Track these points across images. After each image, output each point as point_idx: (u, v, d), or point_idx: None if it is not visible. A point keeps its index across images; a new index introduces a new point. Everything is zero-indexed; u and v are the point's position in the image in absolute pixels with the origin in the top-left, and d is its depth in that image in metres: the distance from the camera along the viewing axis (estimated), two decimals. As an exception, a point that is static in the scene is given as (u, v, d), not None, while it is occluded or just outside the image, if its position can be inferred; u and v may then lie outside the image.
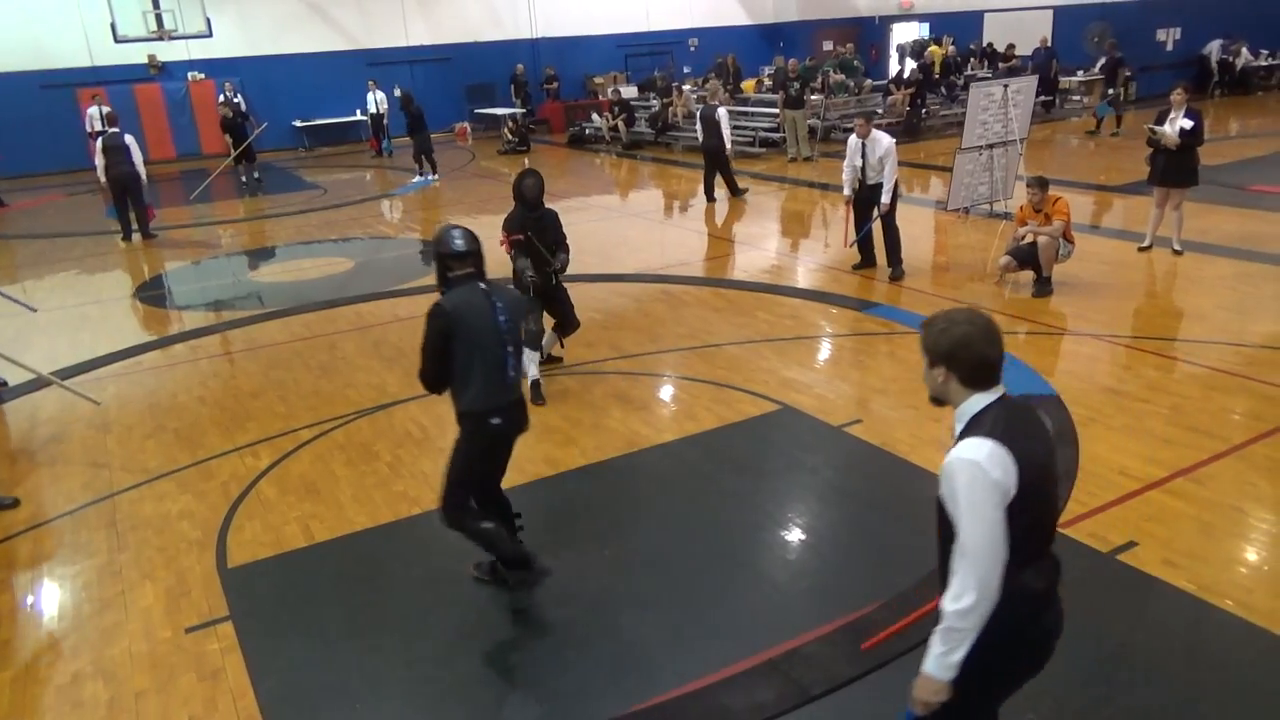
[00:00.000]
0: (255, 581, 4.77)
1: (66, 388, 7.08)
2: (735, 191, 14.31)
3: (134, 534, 5.29)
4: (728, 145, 13.90)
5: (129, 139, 12.99)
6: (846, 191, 9.60)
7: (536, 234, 6.76)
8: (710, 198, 14.14)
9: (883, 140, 9.19)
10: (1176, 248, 9.57)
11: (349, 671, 4.05)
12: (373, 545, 5.06)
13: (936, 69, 20.09)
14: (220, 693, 3.95)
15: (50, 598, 4.77)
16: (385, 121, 21.25)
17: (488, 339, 4.10)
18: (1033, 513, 2.42)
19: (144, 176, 13.16)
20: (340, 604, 4.56)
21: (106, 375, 7.91)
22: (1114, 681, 3.72)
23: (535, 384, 6.87)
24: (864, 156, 9.21)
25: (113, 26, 18.20)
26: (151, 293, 10.74)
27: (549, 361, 7.42)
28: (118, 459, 6.28)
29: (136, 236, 13.41)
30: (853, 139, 9.35)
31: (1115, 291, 8.64)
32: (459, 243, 4.17)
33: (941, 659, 2.43)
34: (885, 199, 9.21)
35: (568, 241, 7.00)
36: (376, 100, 21.00)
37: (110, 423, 6.92)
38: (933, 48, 21.62)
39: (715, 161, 14.05)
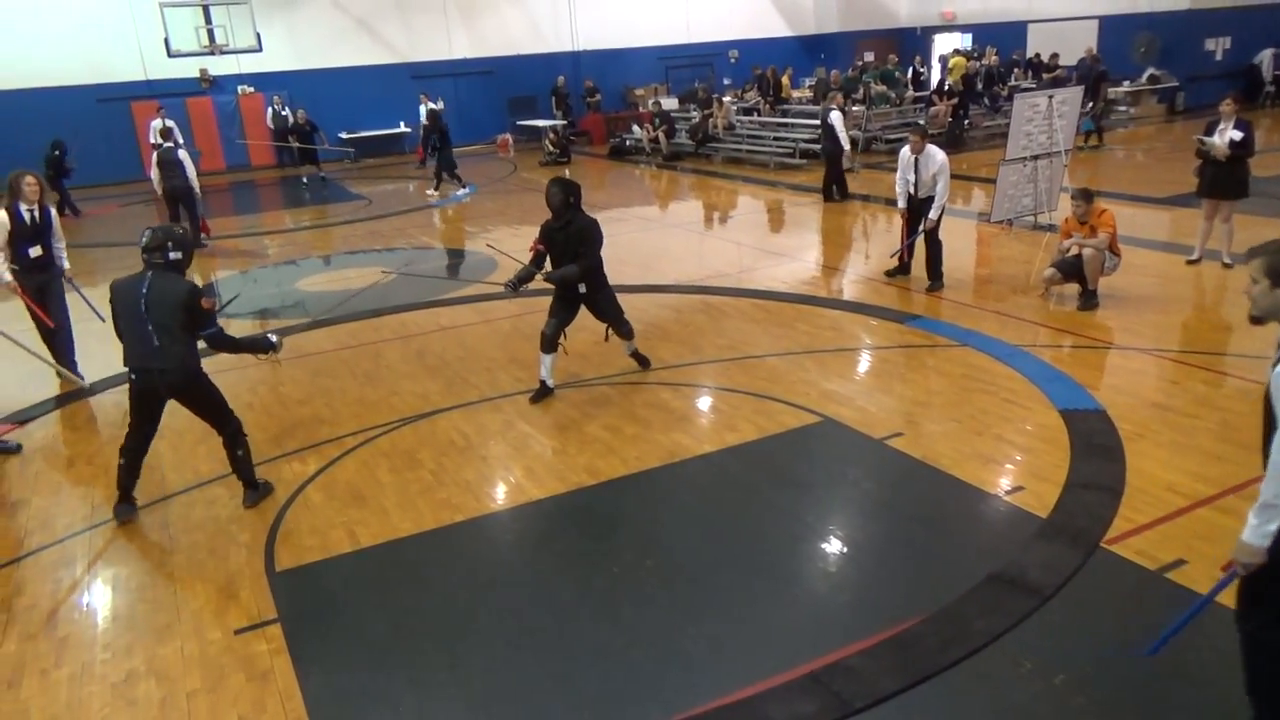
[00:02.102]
0: (303, 585, 4.86)
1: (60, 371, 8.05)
2: (843, 194, 14.51)
3: (185, 536, 5.42)
4: (845, 146, 14.22)
5: (183, 154, 13.35)
6: (901, 204, 9.59)
7: (560, 243, 6.82)
8: (827, 198, 14.48)
9: (936, 156, 9.16)
10: (1226, 261, 9.40)
11: (393, 675, 4.11)
12: (417, 551, 5.13)
13: (955, 80, 19.89)
14: (269, 694, 4.03)
15: (105, 597, 4.90)
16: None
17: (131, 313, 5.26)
18: None
19: (197, 189, 13.47)
20: (385, 608, 4.63)
21: (159, 381, 8.10)
22: (1165, 701, 3.67)
23: (542, 385, 7.08)
24: (916, 171, 9.19)
25: (166, 41, 18.70)
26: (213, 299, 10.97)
27: (636, 358, 7.56)
28: (170, 463, 6.43)
29: None
30: (905, 152, 9.32)
31: (1163, 305, 8.52)
32: (141, 239, 5.36)
33: (1256, 530, 2.92)
34: (934, 214, 9.18)
35: (593, 252, 6.86)
36: (423, 112, 21.31)
37: (163, 428, 7.00)
38: (955, 59, 21.45)
39: (830, 164, 14.48)
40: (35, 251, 7.75)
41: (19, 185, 7.68)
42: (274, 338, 5.94)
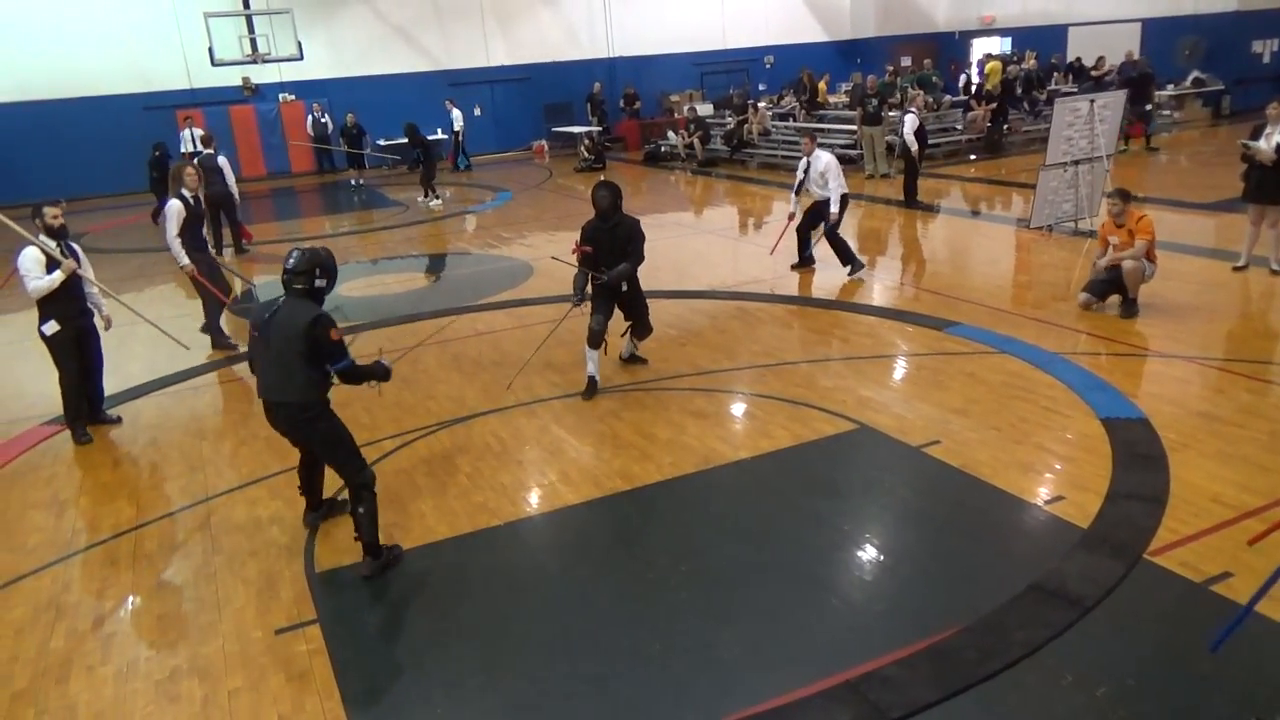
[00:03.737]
0: (341, 586, 4.92)
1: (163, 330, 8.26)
2: (910, 201, 14.42)
3: (227, 537, 5.51)
4: (911, 148, 14.19)
5: (222, 160, 13.62)
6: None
7: (607, 244, 7.11)
8: (910, 204, 14.47)
9: (822, 157, 10.22)
10: (1275, 267, 9.21)
11: (430, 677, 4.15)
12: (453, 555, 5.17)
13: (992, 85, 19.66)
14: (308, 694, 4.08)
15: (150, 596, 4.98)
16: (462, 139, 21.80)
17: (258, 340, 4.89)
18: None
19: (237, 195, 13.70)
20: (422, 611, 4.68)
21: (201, 384, 8.25)
22: (1210, 715, 3.60)
23: (591, 380, 7.28)
24: (806, 172, 10.26)
25: (210, 51, 19.05)
26: (243, 305, 11.16)
27: (632, 360, 7.90)
28: (212, 464, 6.55)
29: (229, 251, 13.97)
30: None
31: (1207, 312, 8.36)
32: (287, 261, 4.93)
33: None
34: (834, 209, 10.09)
35: (640, 252, 7.24)
36: (454, 118, 21.62)
37: (205, 430, 7.22)
38: (992, 64, 21.20)
39: (908, 170, 14.54)
40: (205, 232, 8.72)
41: (181, 175, 8.51)
42: (387, 362, 5.27)
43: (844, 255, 10.37)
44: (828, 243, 10.37)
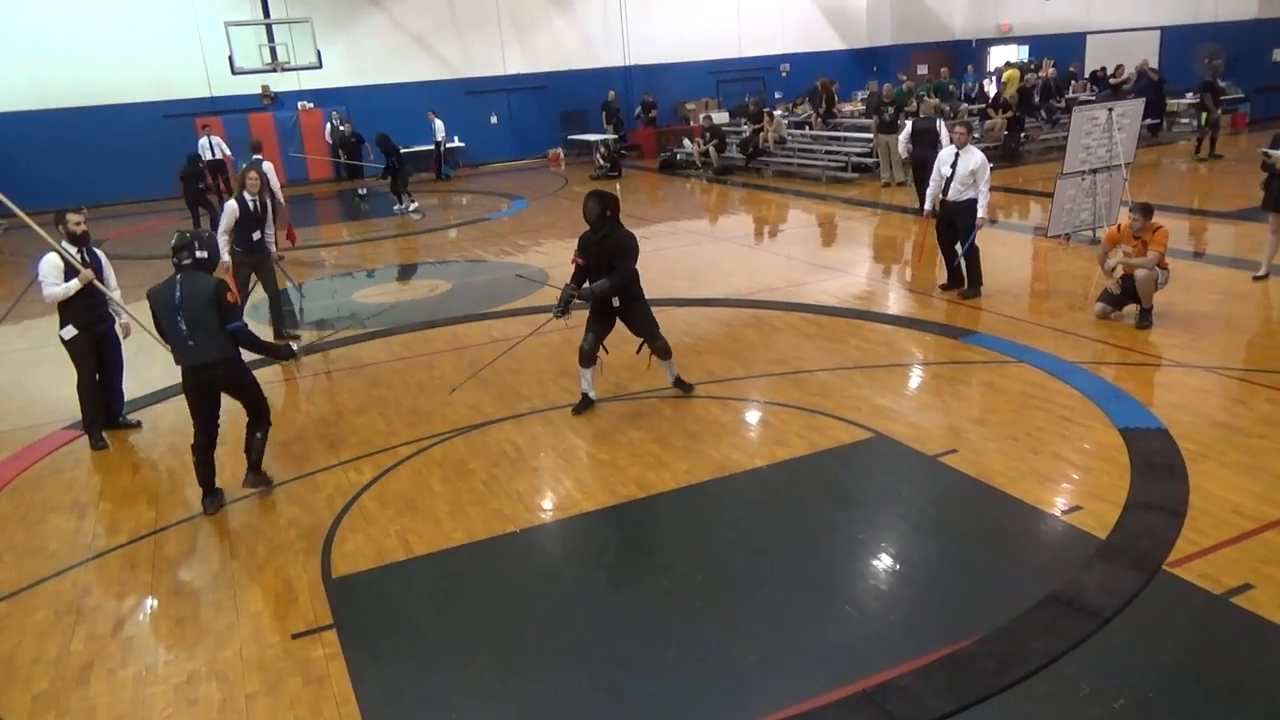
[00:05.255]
0: (357, 591, 4.94)
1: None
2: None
3: (244, 542, 5.55)
4: (904, 157, 14.10)
5: (268, 166, 13.79)
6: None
7: (596, 256, 6.73)
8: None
9: (975, 154, 9.30)
10: (1295, 277, 9.15)
11: (446, 682, 4.17)
12: (469, 561, 5.19)
13: (1010, 94, 19.57)
14: (324, 698, 4.10)
15: (169, 600, 5.03)
16: (443, 149, 22.44)
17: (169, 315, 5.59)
18: None
19: (282, 199, 13.75)
20: (438, 616, 4.69)
21: (220, 390, 8.31)
22: (1228, 729, 3.57)
23: (584, 397, 7.15)
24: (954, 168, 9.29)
25: (230, 59, 19.23)
26: (262, 311, 11.24)
27: (679, 385, 7.31)
28: (230, 469, 6.58)
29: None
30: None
31: (1227, 322, 8.30)
32: (171, 241, 5.73)
33: None
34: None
35: (626, 266, 6.72)
36: (435, 129, 22.15)
37: (224, 435, 7.22)
38: (1009, 72, 21.11)
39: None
40: (256, 235, 9.21)
41: (245, 180, 9.16)
42: (294, 347, 6.56)
43: (976, 273, 9.54)
44: (962, 259, 9.53)
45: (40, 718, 4.11)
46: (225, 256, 8.80)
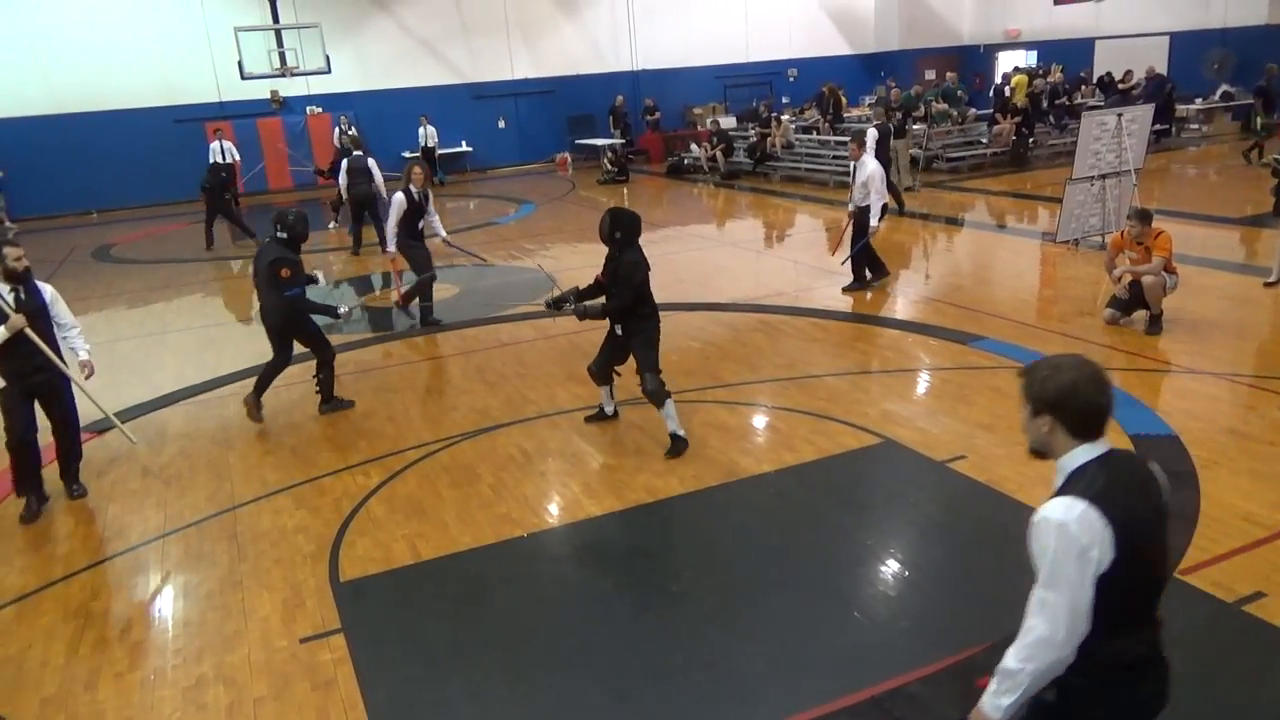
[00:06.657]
0: (365, 595, 4.94)
1: (122, 430, 6.80)
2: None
3: (253, 546, 5.55)
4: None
5: (371, 162, 13.99)
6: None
7: (611, 276, 6.30)
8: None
9: (867, 164, 10.05)
10: (1306, 283, 9.10)
11: (453, 687, 4.16)
12: (476, 565, 5.19)
13: (1018, 99, 19.53)
14: (332, 702, 4.10)
15: (177, 604, 5.04)
16: (435, 155, 22.42)
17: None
18: (1131, 579, 2.29)
19: (384, 194, 13.49)
20: (445, 621, 4.69)
21: (228, 393, 8.31)
22: (1240, 738, 3.54)
23: (599, 410, 7.03)
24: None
25: (240, 64, 19.29)
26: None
27: (675, 443, 6.41)
28: (239, 473, 6.61)
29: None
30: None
31: (1238, 328, 8.26)
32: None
33: (992, 697, 2.39)
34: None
35: (624, 295, 6.21)
36: (427, 134, 22.27)
37: (232, 439, 7.28)
38: (1018, 78, 21.07)
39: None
40: (420, 225, 9.65)
41: (410, 173, 9.59)
42: (342, 310, 7.70)
43: (861, 268, 10.48)
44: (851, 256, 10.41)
45: (49, 721, 4.12)
46: (391, 248, 9.80)
